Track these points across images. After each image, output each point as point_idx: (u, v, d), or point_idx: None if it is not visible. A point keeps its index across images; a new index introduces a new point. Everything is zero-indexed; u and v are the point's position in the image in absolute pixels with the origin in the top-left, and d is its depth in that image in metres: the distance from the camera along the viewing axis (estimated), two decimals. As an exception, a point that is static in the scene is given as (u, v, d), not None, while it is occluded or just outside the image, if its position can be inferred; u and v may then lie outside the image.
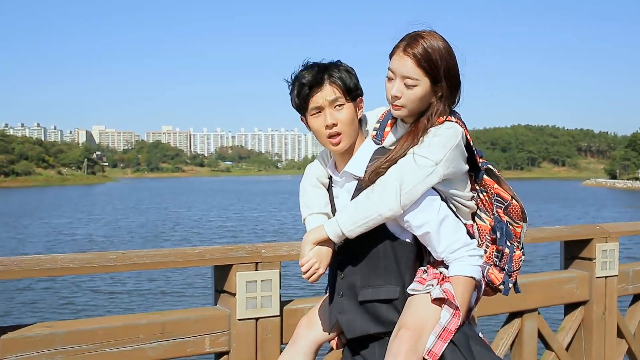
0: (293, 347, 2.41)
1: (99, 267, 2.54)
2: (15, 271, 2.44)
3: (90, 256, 2.56)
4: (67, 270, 2.55)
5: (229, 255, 2.79)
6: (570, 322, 3.97)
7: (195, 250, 2.83)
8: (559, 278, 3.89)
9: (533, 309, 3.72)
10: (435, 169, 2.14)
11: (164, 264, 2.70)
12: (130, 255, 2.61)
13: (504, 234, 2.31)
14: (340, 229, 2.15)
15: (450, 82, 2.20)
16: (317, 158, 2.46)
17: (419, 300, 2.16)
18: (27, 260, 2.47)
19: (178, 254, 2.76)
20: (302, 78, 2.19)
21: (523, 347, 3.71)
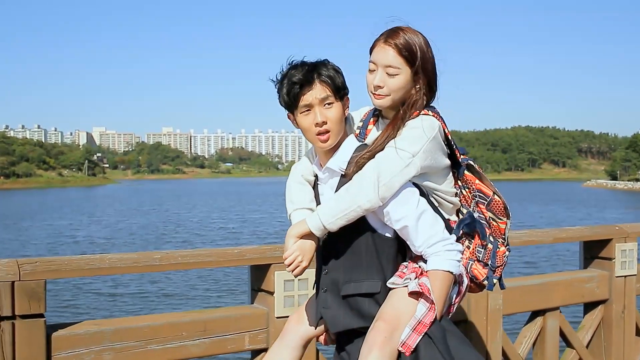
0: (282, 342, 2.45)
1: (145, 267, 2.62)
2: (66, 271, 2.52)
3: (136, 256, 2.64)
4: (115, 270, 2.63)
5: (267, 255, 2.84)
6: (591, 320, 4.04)
7: (235, 250, 2.89)
8: (580, 277, 3.97)
9: (555, 308, 3.79)
10: (413, 161, 2.17)
11: (206, 263, 2.76)
12: (174, 255, 2.68)
13: (463, 226, 2.33)
14: (321, 221, 2.18)
15: (428, 74, 2.26)
16: (303, 157, 2.50)
17: (396, 294, 2.20)
18: (77, 259, 2.54)
19: (219, 254, 2.81)
20: (293, 77, 2.22)
21: (545, 345, 3.79)
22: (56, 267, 2.50)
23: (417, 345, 2.12)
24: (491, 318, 3.50)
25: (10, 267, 2.44)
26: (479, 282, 2.36)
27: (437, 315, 2.17)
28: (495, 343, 3.53)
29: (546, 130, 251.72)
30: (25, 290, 2.42)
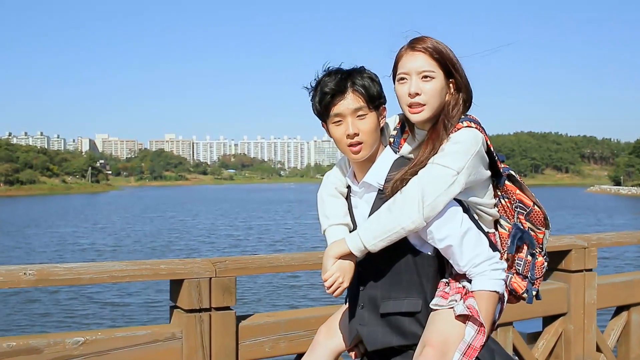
0: (312, 355, 2.42)
1: (313, 265, 2.97)
2: (251, 268, 2.89)
3: (304, 255, 2.99)
4: (289, 268, 2.98)
5: None
6: None
7: None
8: None
9: (638, 303, 4.07)
10: (457, 178, 2.09)
11: None
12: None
13: (516, 241, 2.27)
14: (362, 243, 2.11)
15: (461, 78, 2.20)
16: (335, 166, 2.43)
17: (442, 316, 2.13)
18: (259, 259, 2.91)
19: None
20: (325, 85, 2.14)
21: (630, 338, 4.10)
22: (243, 265, 2.87)
23: None
24: (587, 312, 3.83)
25: (207, 266, 2.80)
26: (518, 295, 2.32)
27: (486, 338, 2.12)
28: (590, 335, 3.86)
29: (549, 135, 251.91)
30: (220, 285, 2.78)
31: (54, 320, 15.07)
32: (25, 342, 2.50)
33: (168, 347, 2.71)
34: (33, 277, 2.50)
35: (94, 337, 2.60)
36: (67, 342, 2.55)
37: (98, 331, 2.65)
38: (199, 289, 2.74)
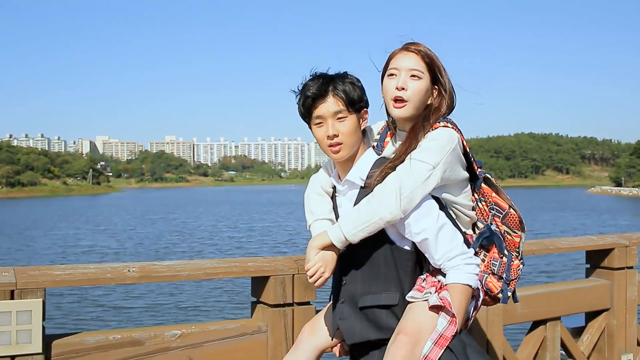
0: (295, 352, 2.47)
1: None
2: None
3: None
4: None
5: None
6: None
7: None
8: None
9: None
10: (433, 172, 2.18)
11: None
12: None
13: (482, 239, 2.35)
14: (343, 234, 2.20)
15: (444, 84, 2.33)
16: (321, 168, 2.54)
17: (417, 307, 2.21)
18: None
19: None
20: (308, 89, 2.27)
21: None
22: None
23: (439, 358, 2.15)
24: (629, 307, 3.97)
25: (290, 263, 2.98)
26: (493, 295, 2.39)
27: (458, 329, 2.19)
28: (632, 329, 4.02)
29: (549, 137, 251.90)
30: (302, 281, 2.96)
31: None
32: (129, 335, 2.68)
33: (255, 340, 2.89)
34: (137, 274, 2.68)
35: (189, 331, 2.78)
36: (166, 335, 2.73)
37: (192, 325, 2.83)
38: (283, 285, 2.92)
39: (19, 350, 2.44)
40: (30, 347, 2.45)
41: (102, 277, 2.61)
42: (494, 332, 3.66)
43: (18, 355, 2.44)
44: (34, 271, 2.53)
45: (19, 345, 2.43)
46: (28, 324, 2.44)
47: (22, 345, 2.44)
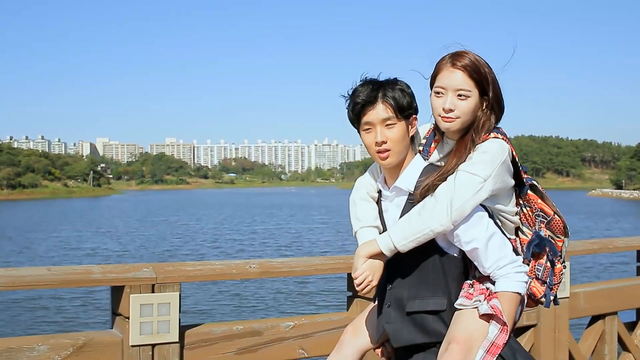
0: (339, 354, 2.50)
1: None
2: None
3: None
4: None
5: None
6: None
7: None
8: None
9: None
10: (484, 185, 2.20)
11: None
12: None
13: (533, 247, 2.37)
14: (393, 243, 2.22)
15: (494, 94, 2.30)
16: (366, 172, 2.52)
17: (467, 315, 2.23)
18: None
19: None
20: (357, 95, 2.27)
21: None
22: None
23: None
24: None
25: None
26: (536, 299, 2.41)
27: (508, 337, 2.22)
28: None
29: (549, 139, 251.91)
30: None
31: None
32: (250, 326, 2.93)
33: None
34: (257, 269, 2.92)
35: (300, 322, 3.03)
36: (281, 326, 2.98)
37: (302, 317, 3.07)
38: None
39: (159, 339, 2.69)
40: (168, 336, 2.70)
41: (229, 272, 2.85)
42: (561, 326, 3.91)
43: (158, 343, 2.69)
44: (170, 267, 2.78)
45: (159, 334, 2.69)
46: (167, 315, 2.69)
47: (161, 335, 2.69)
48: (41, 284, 2.57)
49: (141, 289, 2.65)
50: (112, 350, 2.64)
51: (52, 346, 2.54)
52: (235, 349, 2.86)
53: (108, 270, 2.70)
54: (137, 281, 2.64)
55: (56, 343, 2.56)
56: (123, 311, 2.67)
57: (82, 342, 2.59)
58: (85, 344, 2.59)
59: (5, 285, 2.53)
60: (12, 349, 2.48)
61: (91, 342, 2.61)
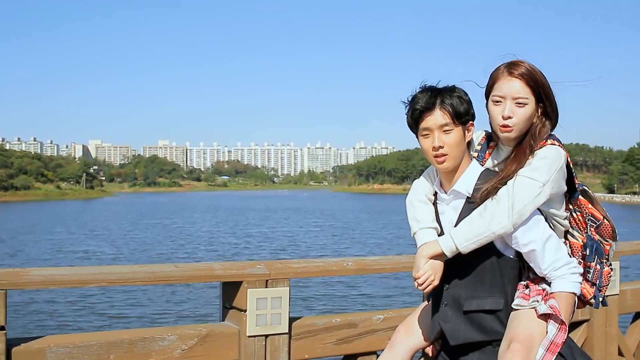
0: (391, 352, 2.59)
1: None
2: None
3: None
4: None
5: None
6: None
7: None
8: None
9: None
10: (543, 190, 2.28)
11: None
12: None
13: (594, 251, 2.44)
14: (455, 245, 2.30)
15: (549, 101, 2.39)
16: (423, 175, 2.59)
17: (525, 315, 2.30)
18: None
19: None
20: (416, 102, 2.35)
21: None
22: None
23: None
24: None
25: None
26: (586, 300, 2.49)
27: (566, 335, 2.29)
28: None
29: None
30: None
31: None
32: (346, 319, 3.18)
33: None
34: (354, 266, 3.18)
35: (389, 315, 3.28)
36: (374, 319, 3.23)
37: (389, 311, 3.32)
38: None
39: (272, 330, 2.92)
40: (279, 327, 2.93)
41: (329, 269, 3.10)
42: (611, 321, 4.17)
43: (270, 334, 2.92)
44: (279, 265, 3.02)
45: (272, 326, 2.92)
46: (279, 308, 2.93)
47: (274, 326, 2.92)
48: (172, 279, 2.82)
49: (256, 284, 2.89)
50: (230, 341, 2.87)
51: (179, 336, 2.78)
52: (335, 339, 3.10)
53: (227, 267, 2.94)
54: (253, 277, 2.89)
55: (182, 333, 2.80)
56: (239, 304, 2.91)
57: (205, 333, 2.83)
58: (207, 335, 2.83)
59: (142, 280, 2.77)
60: (147, 339, 2.73)
61: (212, 333, 2.85)
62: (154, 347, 2.72)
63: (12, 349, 2.48)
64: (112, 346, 2.65)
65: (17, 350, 2.49)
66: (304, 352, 3.01)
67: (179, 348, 2.76)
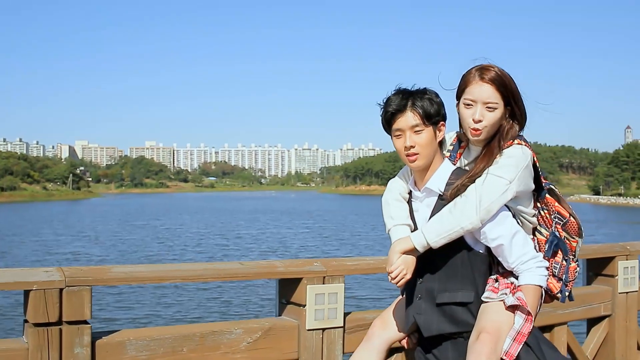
0: (367, 345, 2.68)
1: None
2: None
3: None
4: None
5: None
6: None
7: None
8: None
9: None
10: (510, 187, 2.40)
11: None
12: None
13: (552, 247, 2.56)
14: (426, 240, 2.41)
15: (517, 104, 2.50)
16: (397, 175, 2.70)
17: (494, 307, 2.41)
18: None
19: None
20: (389, 105, 2.47)
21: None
22: None
23: (518, 353, 2.37)
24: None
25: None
26: (552, 295, 2.60)
27: (533, 326, 2.41)
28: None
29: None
30: None
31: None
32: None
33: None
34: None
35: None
36: None
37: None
38: None
39: (328, 324, 3.08)
40: (335, 321, 3.09)
41: (381, 266, 3.26)
42: (631, 316, 4.36)
43: (327, 328, 3.08)
44: (334, 262, 3.18)
45: (329, 320, 3.07)
46: (335, 303, 3.09)
47: (330, 320, 3.08)
48: (239, 276, 2.98)
49: (315, 281, 3.06)
50: (290, 334, 3.02)
51: (245, 330, 2.94)
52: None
53: (287, 265, 3.11)
54: (312, 274, 3.05)
55: (248, 327, 2.96)
56: (298, 300, 3.07)
57: (268, 327, 2.99)
58: (270, 328, 2.99)
59: (212, 277, 2.94)
60: (216, 332, 2.88)
61: (274, 327, 3.01)
62: (223, 340, 2.87)
63: (96, 342, 2.63)
64: (185, 339, 2.80)
65: (100, 342, 2.64)
66: (356, 345, 3.13)
67: (244, 341, 2.91)
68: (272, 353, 2.99)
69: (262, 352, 2.96)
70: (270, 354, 2.99)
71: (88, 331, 2.58)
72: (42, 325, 2.50)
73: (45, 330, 2.51)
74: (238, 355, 2.90)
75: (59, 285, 2.53)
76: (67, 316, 2.54)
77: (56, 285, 2.52)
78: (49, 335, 2.51)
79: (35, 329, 2.50)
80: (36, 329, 2.50)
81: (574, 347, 4.16)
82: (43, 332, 2.50)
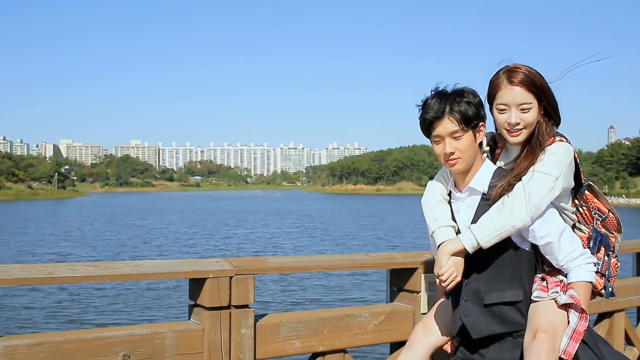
0: (410, 351, 2.66)
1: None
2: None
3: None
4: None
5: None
6: None
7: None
8: None
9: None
10: (556, 183, 2.38)
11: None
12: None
13: (597, 243, 2.55)
14: (476, 240, 2.37)
15: (549, 100, 2.48)
16: (436, 176, 2.68)
17: (547, 306, 2.39)
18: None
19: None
20: (427, 111, 2.43)
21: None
22: None
23: (575, 352, 2.35)
24: None
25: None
26: (597, 291, 2.57)
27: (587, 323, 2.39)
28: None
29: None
30: None
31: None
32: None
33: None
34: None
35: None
36: None
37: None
38: None
39: None
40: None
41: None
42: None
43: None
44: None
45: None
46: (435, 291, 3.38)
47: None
48: (367, 266, 3.37)
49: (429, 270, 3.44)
50: (406, 317, 3.35)
51: (372, 314, 3.29)
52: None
53: (405, 255, 3.45)
54: (426, 264, 3.46)
55: (373, 311, 3.31)
56: (412, 287, 3.41)
57: (390, 310, 3.35)
58: (392, 312, 3.35)
59: (346, 266, 3.30)
60: (349, 315, 3.22)
61: (395, 311, 3.35)
62: (354, 323, 3.25)
63: (257, 323, 3.00)
64: (325, 322, 3.16)
65: (260, 324, 2.99)
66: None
67: (371, 324, 3.28)
68: (393, 334, 3.35)
69: (385, 334, 3.32)
70: (391, 334, 3.34)
71: (252, 314, 2.93)
72: (216, 309, 2.86)
73: (218, 313, 2.85)
74: (366, 335, 3.26)
75: (229, 273, 2.87)
76: (235, 301, 2.88)
77: (227, 274, 2.87)
78: (221, 318, 2.86)
79: (211, 312, 2.85)
80: (211, 312, 2.85)
81: (630, 332, 4.43)
82: (217, 315, 2.85)
